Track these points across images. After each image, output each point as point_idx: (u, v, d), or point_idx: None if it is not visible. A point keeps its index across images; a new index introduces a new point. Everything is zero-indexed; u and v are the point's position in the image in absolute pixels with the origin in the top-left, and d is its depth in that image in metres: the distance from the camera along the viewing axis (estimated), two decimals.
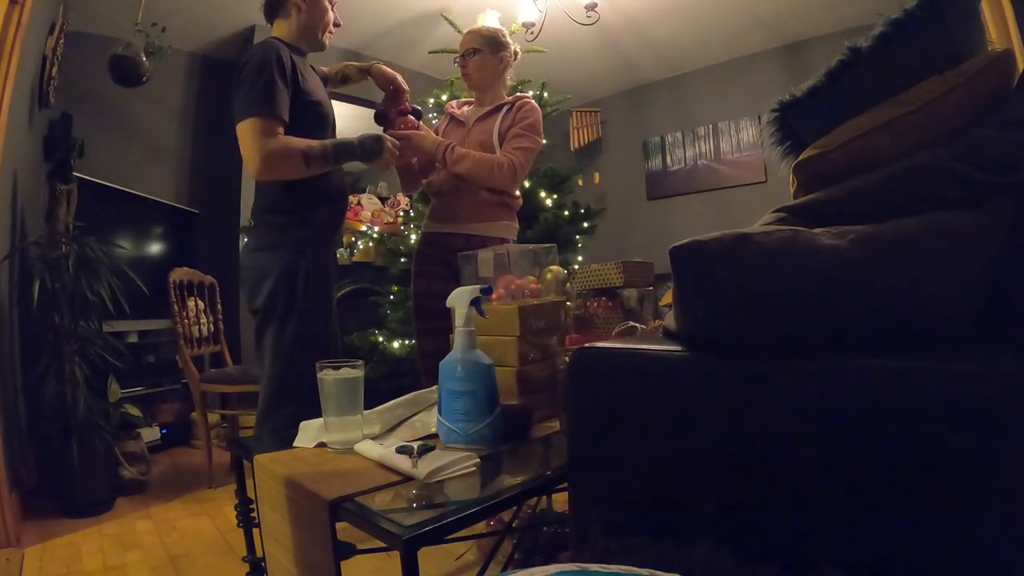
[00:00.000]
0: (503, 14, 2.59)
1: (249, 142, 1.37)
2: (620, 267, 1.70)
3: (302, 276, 1.46)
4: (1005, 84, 0.75)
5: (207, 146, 3.62)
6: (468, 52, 1.82)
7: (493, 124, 1.78)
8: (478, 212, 1.76)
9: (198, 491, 2.33)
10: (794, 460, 0.60)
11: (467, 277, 1.34)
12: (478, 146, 1.77)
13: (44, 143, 2.65)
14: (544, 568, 0.43)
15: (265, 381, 1.48)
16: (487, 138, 1.78)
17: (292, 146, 1.39)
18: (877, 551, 0.55)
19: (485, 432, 0.94)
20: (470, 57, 1.81)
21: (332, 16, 1.58)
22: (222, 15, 3.31)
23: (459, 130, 1.86)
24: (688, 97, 4.63)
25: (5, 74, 1.76)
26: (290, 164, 1.40)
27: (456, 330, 0.99)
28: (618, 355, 0.76)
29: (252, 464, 0.98)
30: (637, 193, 4.90)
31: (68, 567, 1.63)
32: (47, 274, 2.06)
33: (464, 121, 1.87)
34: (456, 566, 1.54)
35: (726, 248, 0.67)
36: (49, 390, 2.04)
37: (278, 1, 1.53)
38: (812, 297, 0.63)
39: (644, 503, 0.72)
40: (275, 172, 1.41)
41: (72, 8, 2.78)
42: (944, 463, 0.53)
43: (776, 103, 0.93)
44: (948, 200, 0.68)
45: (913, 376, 0.55)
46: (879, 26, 0.79)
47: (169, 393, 3.09)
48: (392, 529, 0.66)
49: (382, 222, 3.72)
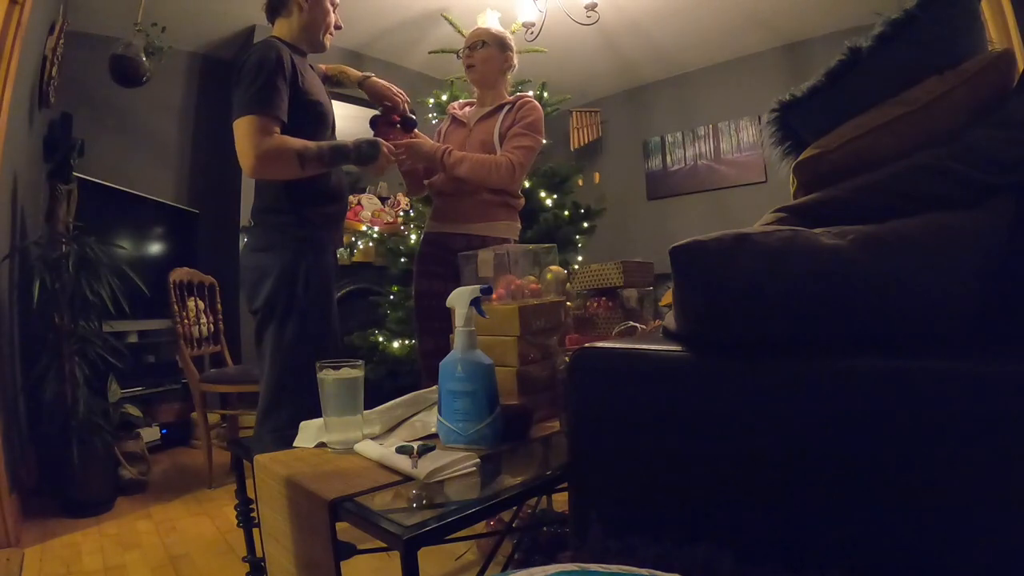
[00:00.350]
0: (503, 14, 2.59)
1: (245, 140, 1.37)
2: (620, 267, 1.70)
3: (302, 276, 1.46)
4: (1005, 84, 0.75)
5: (207, 146, 3.62)
6: (476, 43, 1.81)
7: (494, 124, 1.78)
8: (479, 212, 1.76)
9: (198, 491, 2.33)
10: (794, 460, 0.60)
11: (467, 277, 1.34)
12: (480, 146, 1.77)
13: (44, 143, 2.65)
14: (544, 568, 0.43)
15: (265, 381, 1.48)
16: (488, 138, 1.78)
17: (287, 146, 1.39)
18: (877, 551, 0.55)
19: (485, 432, 0.94)
20: (478, 49, 1.81)
21: (333, 18, 1.59)
22: (222, 15, 3.31)
23: (461, 130, 1.86)
24: (688, 97, 4.63)
25: (5, 74, 1.75)
26: (284, 164, 1.40)
27: (456, 330, 0.99)
28: (618, 355, 0.76)
29: (252, 464, 0.98)
30: (637, 193, 4.90)
31: (68, 567, 1.63)
32: (47, 274, 2.06)
33: (465, 121, 1.87)
34: (456, 566, 1.54)
35: (726, 248, 0.67)
36: (49, 390, 2.04)
37: (278, 2, 1.53)
38: (812, 297, 0.63)
39: (644, 503, 0.72)
40: (269, 171, 1.41)
41: (72, 8, 2.78)
42: (944, 463, 0.53)
43: (776, 103, 0.93)
44: (948, 200, 0.68)
45: (913, 376, 0.55)
46: (879, 26, 0.79)
47: (169, 393, 3.09)
48: (392, 529, 0.66)
49: (382, 222, 3.72)
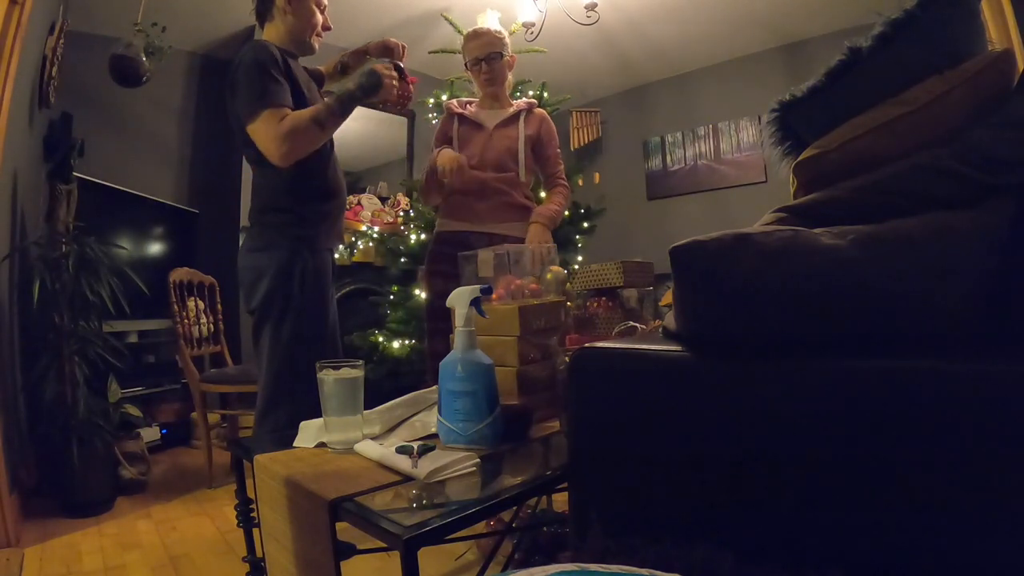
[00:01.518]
0: (503, 14, 2.59)
1: (263, 135, 1.39)
2: (620, 267, 1.70)
3: (298, 275, 1.46)
4: (1005, 84, 0.75)
5: (207, 146, 3.62)
6: (494, 56, 1.83)
7: (516, 131, 1.83)
8: (502, 214, 1.80)
9: (198, 491, 2.33)
10: (794, 460, 0.60)
11: (467, 277, 1.34)
12: (505, 152, 1.82)
13: (44, 143, 2.65)
14: (544, 568, 0.43)
15: (263, 381, 1.48)
16: (513, 144, 1.83)
17: (300, 119, 1.40)
18: (877, 551, 0.55)
19: (485, 432, 0.94)
20: (496, 61, 1.84)
21: (321, 19, 1.59)
22: (222, 15, 3.31)
23: (479, 134, 1.86)
24: (688, 97, 4.63)
25: (5, 74, 1.75)
26: (306, 136, 1.41)
27: (456, 330, 0.99)
28: (618, 355, 0.76)
29: (252, 464, 0.98)
30: (637, 193, 4.89)
31: (68, 567, 1.63)
32: (47, 274, 2.06)
33: (482, 124, 1.87)
34: (456, 566, 1.54)
35: (726, 248, 0.67)
36: (49, 390, 2.04)
37: (264, 7, 1.55)
38: (812, 297, 0.63)
39: (644, 503, 0.72)
40: (296, 148, 1.41)
41: (72, 8, 2.78)
42: (944, 463, 0.53)
43: (776, 103, 0.92)
44: (948, 200, 0.67)
45: (913, 376, 0.55)
46: (879, 26, 0.79)
47: (169, 393, 3.09)
48: (392, 529, 0.66)
49: (382, 222, 3.72)
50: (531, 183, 1.94)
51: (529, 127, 1.86)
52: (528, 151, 1.86)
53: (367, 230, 3.58)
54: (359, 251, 3.57)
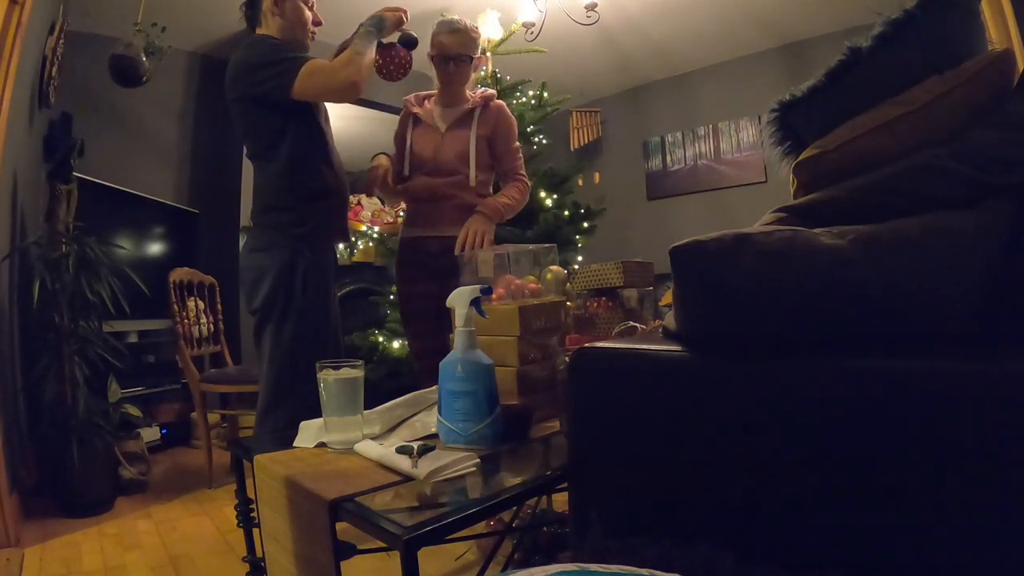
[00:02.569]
0: (503, 14, 2.59)
1: (319, 81, 1.42)
2: (620, 267, 1.70)
3: (300, 275, 1.46)
4: (1005, 84, 0.75)
5: (207, 146, 3.61)
6: (464, 59, 1.76)
7: (469, 132, 1.78)
8: (455, 216, 1.76)
9: (198, 491, 2.33)
10: (794, 460, 0.60)
11: (467, 277, 1.34)
12: (455, 156, 1.77)
13: (44, 143, 2.64)
14: (544, 568, 0.43)
15: (264, 381, 1.48)
16: (464, 148, 1.78)
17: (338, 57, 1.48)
18: (877, 551, 0.55)
19: (485, 432, 0.94)
20: (466, 64, 1.77)
21: (310, 15, 1.60)
22: (222, 15, 3.30)
23: (431, 135, 1.82)
24: (688, 97, 4.63)
25: (5, 74, 1.76)
26: (353, 63, 1.45)
27: (456, 330, 0.99)
28: (618, 355, 0.76)
29: (252, 464, 0.98)
30: (637, 193, 4.90)
31: (68, 567, 1.63)
32: (47, 274, 2.06)
33: (435, 126, 1.83)
34: (456, 566, 1.54)
35: (726, 248, 0.67)
36: (49, 390, 2.04)
37: (252, 12, 1.58)
38: (812, 297, 0.63)
39: (644, 503, 0.72)
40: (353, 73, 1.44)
41: (72, 8, 2.78)
42: (944, 463, 0.53)
43: (776, 103, 0.93)
44: (948, 200, 0.67)
45: (913, 376, 0.55)
46: (879, 26, 0.79)
47: (169, 393, 3.09)
48: (392, 529, 0.66)
49: (382, 222, 3.71)
50: (491, 181, 1.89)
51: (483, 126, 1.79)
52: (483, 150, 1.80)
53: (367, 230, 3.58)
54: (359, 251, 3.57)
